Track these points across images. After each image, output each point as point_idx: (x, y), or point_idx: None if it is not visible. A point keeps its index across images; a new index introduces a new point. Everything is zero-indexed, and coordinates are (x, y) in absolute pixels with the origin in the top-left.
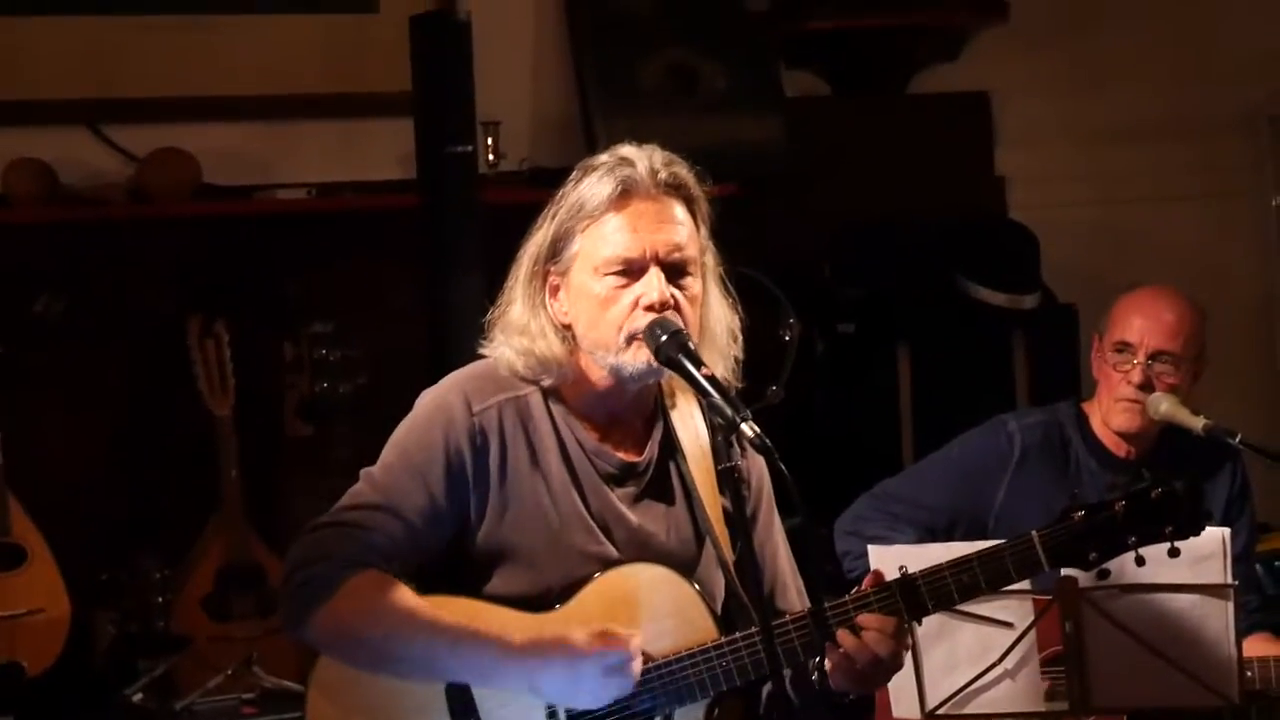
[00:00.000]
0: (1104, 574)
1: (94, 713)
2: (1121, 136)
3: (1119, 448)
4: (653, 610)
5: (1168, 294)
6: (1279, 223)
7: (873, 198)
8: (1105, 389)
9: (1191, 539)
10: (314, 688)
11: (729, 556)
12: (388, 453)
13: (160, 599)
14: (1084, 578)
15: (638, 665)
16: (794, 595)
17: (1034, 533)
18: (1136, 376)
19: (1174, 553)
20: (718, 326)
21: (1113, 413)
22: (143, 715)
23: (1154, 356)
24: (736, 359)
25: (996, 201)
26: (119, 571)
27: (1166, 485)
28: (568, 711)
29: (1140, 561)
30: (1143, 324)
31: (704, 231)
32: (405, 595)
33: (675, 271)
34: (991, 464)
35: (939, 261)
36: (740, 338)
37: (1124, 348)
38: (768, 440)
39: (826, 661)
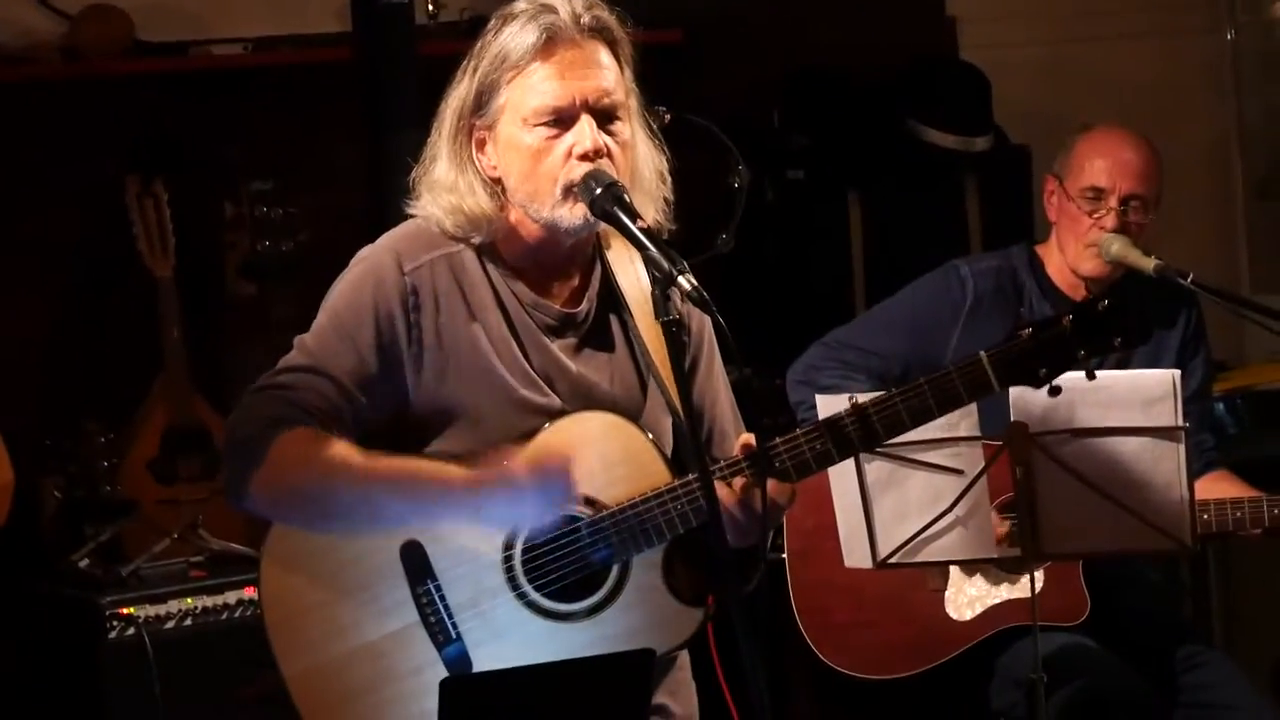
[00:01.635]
0: (1055, 391)
1: (41, 579)
2: None
3: (1075, 290)
4: (603, 458)
5: (1129, 135)
6: (1233, 59)
7: (821, 41)
8: (1071, 234)
9: (1144, 380)
10: (267, 559)
11: (676, 401)
12: (320, 316)
13: (105, 464)
14: (1034, 422)
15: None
16: (733, 443)
17: (982, 353)
18: (1111, 221)
19: (1124, 363)
20: (645, 169)
21: (1083, 258)
22: (90, 580)
23: (1126, 200)
24: (666, 200)
25: (947, 42)
26: (63, 437)
27: (1112, 296)
28: (525, 566)
29: (1091, 375)
30: (1112, 167)
31: (629, 74)
32: (337, 445)
33: (605, 117)
34: (944, 310)
35: (889, 104)
36: (669, 179)
37: (1097, 193)
38: (705, 294)
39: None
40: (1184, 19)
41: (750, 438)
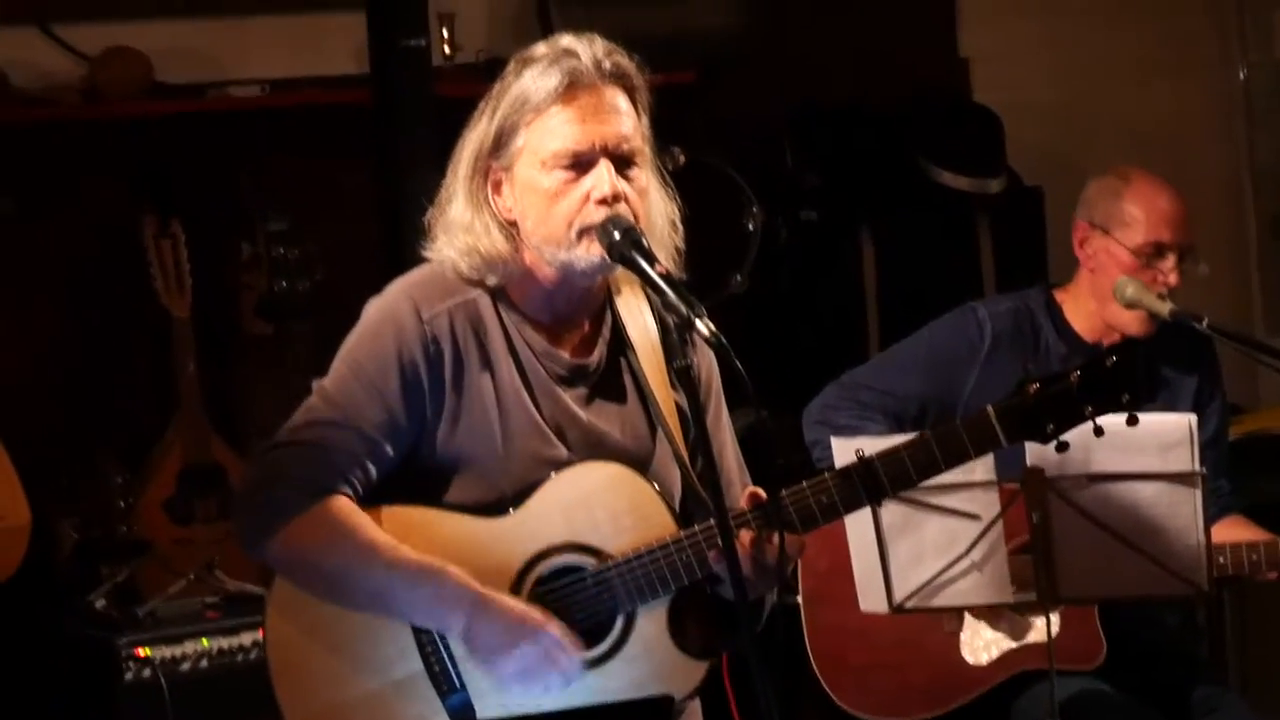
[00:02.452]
0: (1063, 446)
1: (57, 619)
2: (1086, 14)
3: (1094, 335)
4: (610, 509)
5: (1162, 181)
6: (1245, 98)
7: (834, 82)
8: (1107, 284)
9: (1160, 426)
10: (273, 606)
11: (684, 451)
12: (340, 365)
13: (121, 503)
14: (1050, 467)
15: (571, 665)
16: (738, 491)
17: (990, 407)
18: (1175, 278)
19: (1132, 421)
20: (658, 217)
21: (1135, 318)
22: (106, 621)
23: (1184, 252)
24: (677, 248)
25: (960, 84)
26: (79, 477)
27: (1120, 353)
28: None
29: (1099, 432)
30: (1172, 222)
31: (645, 121)
32: (366, 527)
33: (622, 163)
34: (961, 351)
35: (902, 146)
36: (680, 227)
37: (1157, 249)
38: (723, 337)
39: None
40: (1195, 58)
41: (758, 490)
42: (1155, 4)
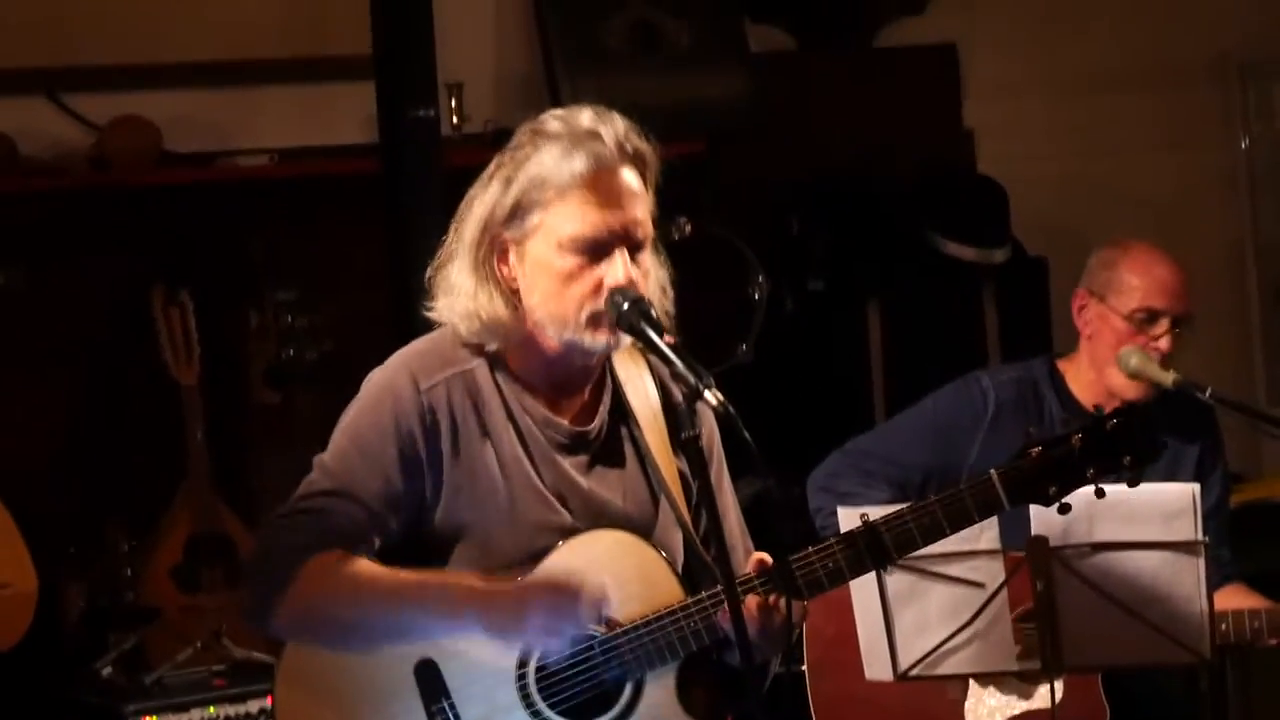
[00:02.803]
0: (1065, 509)
1: (64, 687)
2: (1090, 87)
3: (1094, 404)
4: (616, 576)
5: (1163, 252)
6: (1249, 171)
7: (840, 153)
8: (1107, 352)
9: (1163, 495)
10: (282, 680)
11: (686, 517)
12: (339, 438)
13: (129, 571)
14: (1054, 535)
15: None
16: (741, 556)
17: (993, 471)
18: (1167, 344)
19: (1133, 483)
20: (653, 284)
21: (1132, 384)
22: (113, 688)
23: (1177, 320)
24: (668, 313)
25: (965, 155)
26: (87, 544)
27: (1121, 415)
28: (539, 683)
29: (1100, 494)
30: (1164, 288)
31: (651, 196)
32: (362, 564)
33: (634, 247)
34: (965, 420)
35: (908, 216)
36: (671, 290)
37: (1151, 315)
38: (730, 407)
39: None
40: (1198, 130)
41: (764, 556)
42: (1158, 76)
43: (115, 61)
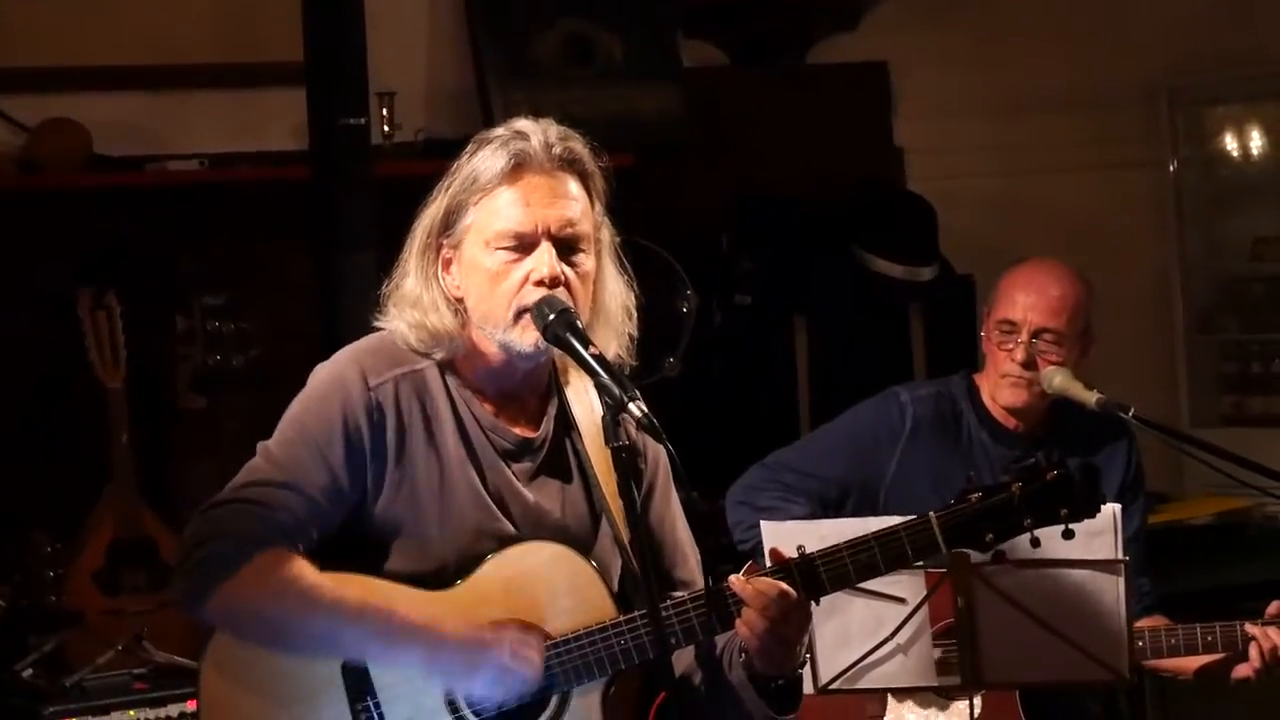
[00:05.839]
0: (999, 555)
1: None
2: (1020, 107)
3: (1009, 420)
4: (550, 589)
5: (1053, 269)
6: (1176, 194)
7: (771, 169)
8: (992, 365)
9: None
10: (208, 664)
11: (625, 535)
12: (285, 428)
13: (51, 573)
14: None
15: (537, 662)
16: (694, 566)
17: (932, 514)
18: (1020, 355)
19: (1068, 534)
20: (613, 303)
21: (1000, 389)
22: (33, 691)
23: (1037, 334)
24: (631, 336)
25: (894, 172)
26: (9, 546)
27: (1062, 468)
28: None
29: (1035, 543)
30: (1026, 301)
31: (599, 207)
32: (308, 572)
33: (567, 248)
34: (883, 435)
35: (836, 233)
36: (635, 315)
37: (1009, 326)
38: (655, 420)
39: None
40: (1128, 153)
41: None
42: (1088, 98)
43: (46, 64)
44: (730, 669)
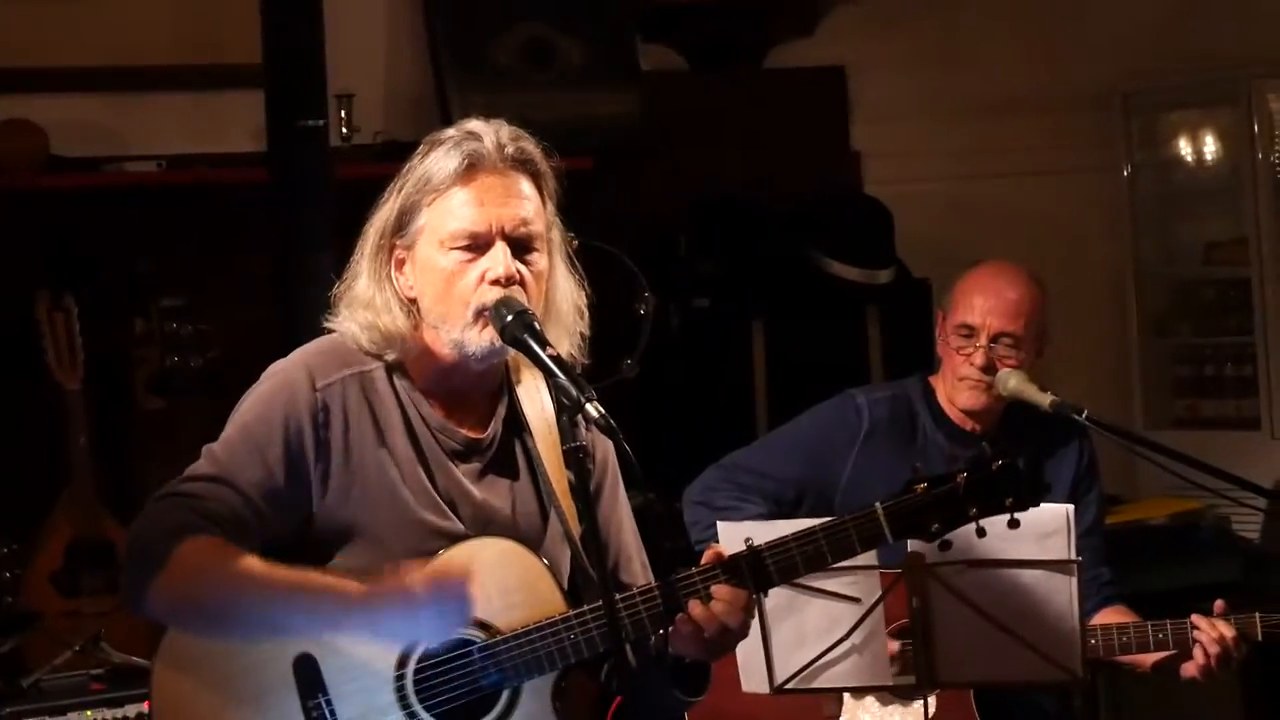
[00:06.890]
0: (945, 545)
1: None
2: (976, 112)
3: (965, 422)
4: (501, 584)
5: (1009, 272)
6: (1131, 199)
7: (728, 172)
8: (949, 367)
9: (1038, 515)
10: (160, 663)
11: (575, 530)
12: (229, 427)
13: (8, 575)
14: (930, 552)
15: (466, 587)
16: (638, 568)
17: (878, 505)
18: (979, 359)
19: (1013, 524)
20: (564, 303)
21: (957, 392)
22: None
23: (996, 338)
24: (583, 335)
25: (851, 176)
26: None
27: (1006, 458)
28: (416, 685)
29: (981, 533)
30: (985, 305)
31: (550, 207)
32: (238, 555)
33: (521, 247)
34: (839, 437)
35: (793, 236)
36: (587, 314)
37: (967, 330)
38: (612, 421)
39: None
40: (1083, 157)
41: (720, 548)
42: (1043, 102)
43: (3, 65)
44: (632, 650)
